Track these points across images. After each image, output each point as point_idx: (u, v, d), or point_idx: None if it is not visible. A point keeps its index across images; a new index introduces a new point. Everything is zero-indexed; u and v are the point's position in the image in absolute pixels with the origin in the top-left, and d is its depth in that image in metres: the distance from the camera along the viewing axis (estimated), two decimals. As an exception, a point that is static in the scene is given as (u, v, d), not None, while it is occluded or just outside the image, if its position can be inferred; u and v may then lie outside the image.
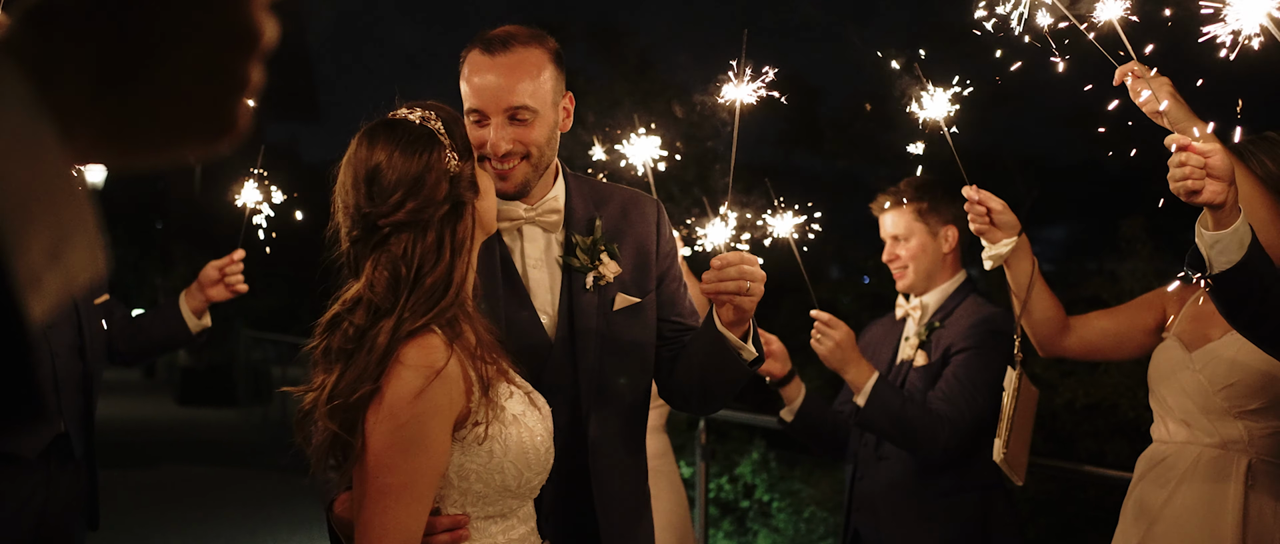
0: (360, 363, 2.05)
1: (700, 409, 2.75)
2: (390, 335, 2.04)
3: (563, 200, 2.63)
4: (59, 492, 3.77)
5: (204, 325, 4.20)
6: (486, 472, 2.11)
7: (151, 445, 13.96)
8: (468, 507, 2.13)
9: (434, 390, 2.02)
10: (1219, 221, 2.40)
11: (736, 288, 2.35)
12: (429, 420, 2.01)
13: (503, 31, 2.53)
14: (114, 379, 22.32)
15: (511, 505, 2.19)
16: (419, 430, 2.01)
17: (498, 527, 2.17)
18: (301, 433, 2.22)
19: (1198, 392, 3.01)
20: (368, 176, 2.12)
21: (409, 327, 2.05)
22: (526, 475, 2.16)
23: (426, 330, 2.07)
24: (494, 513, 2.16)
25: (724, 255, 2.37)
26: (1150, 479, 3.08)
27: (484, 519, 2.15)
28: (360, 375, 2.04)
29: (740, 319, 2.43)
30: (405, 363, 2.03)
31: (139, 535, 8.54)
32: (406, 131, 2.14)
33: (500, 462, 2.11)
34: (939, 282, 3.87)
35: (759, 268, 2.36)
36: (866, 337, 4.09)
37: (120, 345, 4.16)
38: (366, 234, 2.13)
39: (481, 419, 2.09)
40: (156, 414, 17.81)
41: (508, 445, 2.12)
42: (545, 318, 2.57)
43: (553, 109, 2.55)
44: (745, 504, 7.93)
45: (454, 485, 2.10)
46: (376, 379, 2.03)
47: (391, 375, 2.02)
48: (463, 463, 2.09)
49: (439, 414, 2.03)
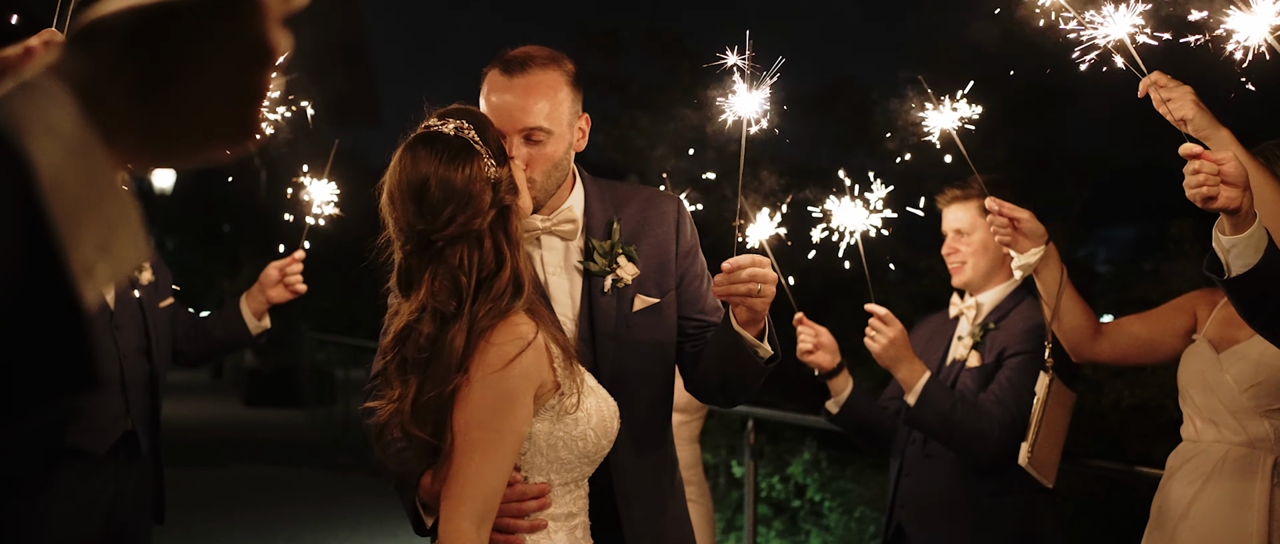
0: (439, 369, 2.17)
1: (723, 403, 2.82)
2: (466, 336, 2.16)
3: (580, 209, 2.72)
4: (127, 486, 3.95)
5: (264, 327, 4.33)
6: (571, 439, 2.24)
7: (219, 445, 14.29)
8: (552, 474, 2.27)
9: (525, 358, 2.15)
10: (1236, 226, 2.45)
11: (748, 290, 2.40)
12: (517, 383, 2.15)
13: (521, 53, 2.61)
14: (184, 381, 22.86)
15: (585, 471, 2.33)
16: (508, 392, 2.14)
17: (572, 495, 2.32)
18: (379, 445, 2.33)
19: (1224, 391, 3.05)
20: (415, 193, 2.21)
21: (483, 326, 2.17)
22: (603, 443, 2.30)
23: (511, 312, 2.20)
24: (571, 480, 2.30)
25: (735, 259, 2.41)
26: (1179, 477, 3.12)
27: (562, 486, 2.29)
28: (444, 376, 2.16)
29: (755, 319, 2.49)
30: (494, 342, 2.16)
31: (205, 531, 8.79)
32: (446, 145, 2.24)
33: (584, 429, 2.25)
34: (996, 282, 3.88)
35: (770, 270, 2.41)
36: (918, 332, 4.11)
37: (184, 347, 4.34)
38: (421, 248, 2.24)
39: (569, 390, 2.23)
40: (224, 415, 18.21)
41: (590, 414, 2.26)
42: (566, 322, 2.65)
43: (568, 129, 2.63)
44: (796, 504, 7.98)
45: (543, 453, 2.24)
46: (462, 372, 2.15)
47: (480, 352, 2.15)
48: (552, 431, 2.23)
49: (527, 379, 2.16)
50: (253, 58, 0.82)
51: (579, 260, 2.70)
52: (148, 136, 0.79)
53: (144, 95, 0.78)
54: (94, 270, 0.74)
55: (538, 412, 2.22)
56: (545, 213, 2.68)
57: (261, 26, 0.82)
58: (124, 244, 0.77)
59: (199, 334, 4.35)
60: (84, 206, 0.73)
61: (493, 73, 2.62)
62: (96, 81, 0.76)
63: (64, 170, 0.72)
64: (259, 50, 0.82)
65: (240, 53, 0.82)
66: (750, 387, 2.65)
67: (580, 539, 2.35)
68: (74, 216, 0.72)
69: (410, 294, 2.27)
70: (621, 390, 2.56)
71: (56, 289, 0.71)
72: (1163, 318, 3.34)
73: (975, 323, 3.87)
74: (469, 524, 2.10)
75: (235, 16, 0.81)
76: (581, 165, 2.82)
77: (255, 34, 0.82)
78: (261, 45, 0.82)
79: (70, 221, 0.71)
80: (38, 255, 0.69)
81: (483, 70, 2.65)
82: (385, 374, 2.31)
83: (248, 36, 0.81)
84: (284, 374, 19.45)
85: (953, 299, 4.02)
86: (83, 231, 0.73)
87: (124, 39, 0.78)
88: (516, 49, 2.63)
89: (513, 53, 2.62)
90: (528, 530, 2.24)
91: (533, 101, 2.55)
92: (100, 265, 0.75)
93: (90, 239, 0.73)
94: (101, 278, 0.75)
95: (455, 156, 2.22)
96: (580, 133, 2.71)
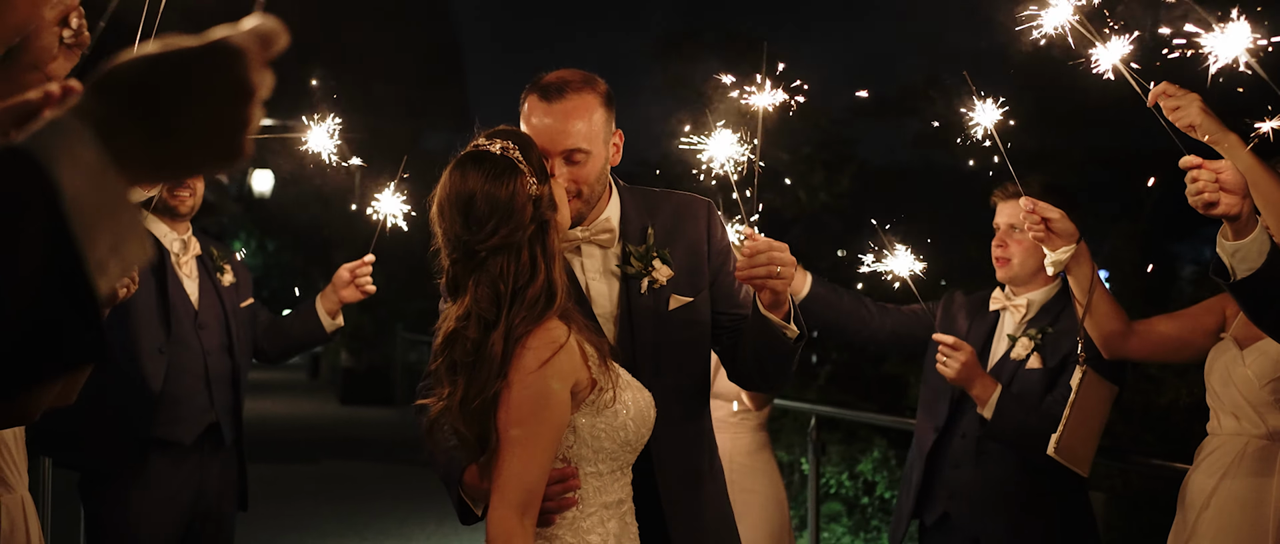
0: (483, 373, 2.37)
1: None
2: (504, 342, 2.37)
3: (617, 219, 2.89)
4: (212, 475, 4.24)
5: (337, 325, 4.57)
6: (612, 429, 2.44)
7: (314, 441, 14.77)
8: (599, 462, 2.46)
9: (559, 360, 2.35)
10: (1238, 231, 2.55)
11: (767, 272, 2.56)
12: (552, 384, 2.34)
13: (557, 78, 2.79)
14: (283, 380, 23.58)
15: (628, 459, 2.52)
16: (544, 392, 2.34)
17: (618, 482, 2.51)
18: (431, 440, 2.56)
19: (1246, 386, 3.14)
20: (463, 207, 2.42)
21: (519, 333, 2.37)
22: (642, 431, 2.50)
23: (545, 319, 2.40)
24: (616, 467, 2.49)
25: (752, 243, 2.57)
26: (1202, 468, 3.24)
27: (609, 473, 2.48)
28: (487, 380, 2.37)
29: (778, 301, 2.66)
30: (530, 347, 2.36)
31: (295, 521, 9.17)
32: (492, 164, 2.43)
33: (624, 420, 2.45)
34: (1042, 281, 3.95)
35: (787, 253, 2.57)
36: (950, 309, 4.21)
37: (265, 344, 4.62)
38: (466, 257, 2.44)
39: (606, 386, 2.43)
40: (320, 412, 18.79)
41: (628, 406, 2.45)
42: (607, 322, 2.84)
43: (604, 146, 2.81)
44: (866, 501, 8.08)
45: (588, 443, 2.43)
46: (503, 375, 2.36)
47: (518, 358, 2.35)
48: (593, 423, 2.43)
49: (561, 379, 2.36)
50: (237, 97, 1.00)
51: (617, 265, 2.88)
52: (152, 161, 0.99)
53: (148, 130, 0.97)
54: (107, 267, 0.93)
55: (578, 407, 2.41)
56: (586, 224, 2.87)
57: (244, 71, 1.00)
58: (132, 247, 0.97)
59: (278, 332, 4.63)
60: (99, 218, 0.92)
61: (532, 98, 2.80)
62: (110, 119, 0.96)
63: (83, 190, 0.91)
64: (242, 91, 1.01)
65: (226, 93, 1.00)
66: (784, 368, 2.82)
67: (629, 524, 2.54)
68: (91, 226, 0.91)
69: (457, 299, 2.48)
70: (660, 381, 2.75)
71: (75, 281, 0.90)
72: (1193, 317, 3.44)
73: (1023, 320, 3.94)
74: (514, 513, 2.30)
75: (222, 64, 1.00)
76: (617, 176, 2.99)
77: (239, 77, 1.00)
78: (244, 86, 1.01)
79: (87, 230, 0.91)
80: (61, 255, 0.89)
81: (522, 95, 2.85)
82: (436, 374, 2.52)
83: (232, 79, 1.00)
84: (378, 373, 19.97)
85: (994, 293, 4.08)
86: (98, 237, 0.92)
87: (132, 85, 0.97)
88: (552, 74, 2.81)
89: (549, 79, 2.80)
90: (556, 510, 2.43)
91: (571, 124, 2.73)
92: (112, 263, 0.94)
93: (104, 243, 0.93)
94: (113, 273, 0.94)
95: (500, 174, 2.42)
96: (615, 148, 2.89)
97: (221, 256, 4.48)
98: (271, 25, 1.04)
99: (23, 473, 3.42)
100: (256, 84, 1.02)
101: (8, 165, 0.88)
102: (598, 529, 2.45)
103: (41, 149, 0.90)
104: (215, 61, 0.99)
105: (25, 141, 0.91)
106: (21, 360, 0.89)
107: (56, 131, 0.92)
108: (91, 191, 0.92)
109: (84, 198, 0.91)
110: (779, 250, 2.56)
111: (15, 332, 0.88)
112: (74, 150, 0.92)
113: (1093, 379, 3.42)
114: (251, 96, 1.02)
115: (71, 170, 0.91)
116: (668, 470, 2.80)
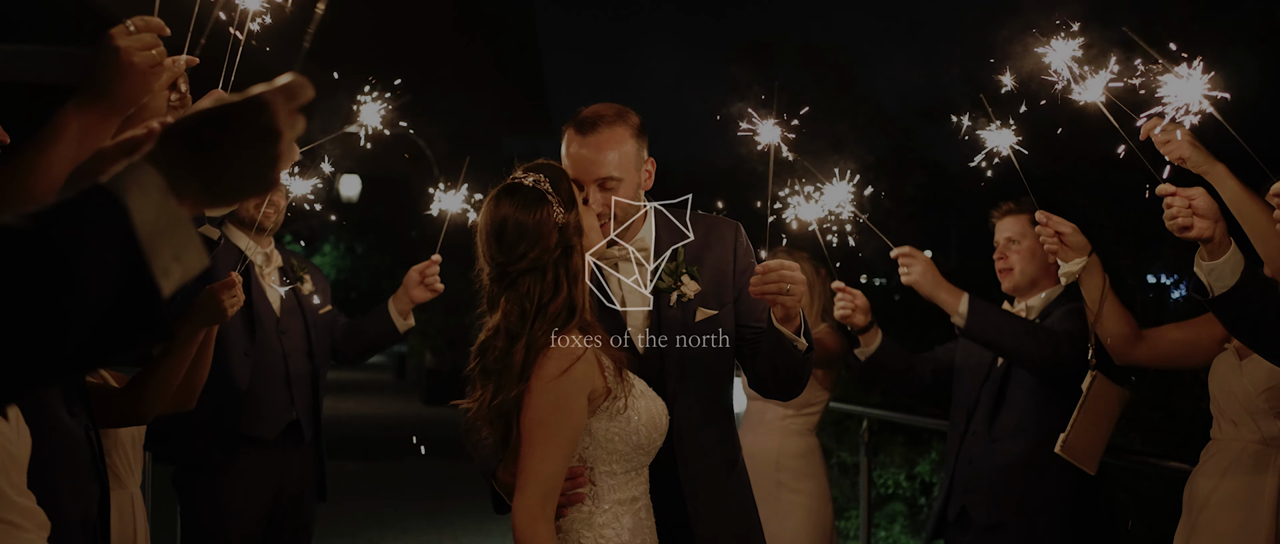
0: (508, 378, 2.68)
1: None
2: (525, 353, 2.67)
3: (651, 239, 3.18)
4: (293, 468, 4.57)
5: (409, 324, 4.85)
6: (625, 434, 2.71)
7: (397, 440, 15.18)
8: (613, 463, 2.73)
9: (576, 369, 2.64)
10: (1212, 253, 2.78)
11: (778, 289, 2.81)
12: (570, 389, 2.62)
13: (592, 113, 3.08)
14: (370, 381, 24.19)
15: (642, 461, 2.79)
16: (562, 397, 2.62)
17: (633, 481, 2.78)
18: (470, 437, 2.88)
19: (1243, 394, 3.34)
20: (497, 232, 2.72)
21: (540, 344, 2.67)
22: (654, 437, 2.77)
23: (565, 333, 2.69)
24: (630, 468, 2.76)
25: (766, 262, 2.84)
26: (1203, 471, 3.44)
27: (624, 473, 2.75)
28: (509, 385, 2.67)
29: (790, 316, 2.91)
30: (550, 356, 2.65)
31: (378, 517, 9.54)
32: (523, 195, 2.73)
33: (636, 426, 2.72)
34: (1043, 287, 4.19)
35: (798, 272, 2.82)
36: (962, 343, 4.39)
37: (342, 347, 4.93)
38: (500, 277, 2.75)
39: (620, 394, 2.70)
40: (405, 411, 19.35)
41: (640, 413, 2.73)
42: (639, 332, 3.13)
43: (636, 172, 3.10)
44: (923, 501, 8.27)
45: (602, 445, 2.71)
46: (523, 382, 2.65)
47: (540, 366, 2.64)
48: (608, 428, 2.70)
49: (578, 385, 2.64)
50: (268, 140, 1.27)
51: (650, 280, 3.16)
52: (202, 193, 1.26)
53: (199, 165, 1.26)
54: (170, 272, 1.22)
55: (594, 412, 2.69)
56: (624, 241, 3.15)
57: (272, 119, 1.27)
58: (190, 256, 1.24)
59: (353, 334, 4.94)
60: (162, 235, 1.20)
61: (570, 131, 3.11)
62: (170, 159, 1.24)
63: (149, 215, 1.19)
64: (272, 135, 1.27)
65: (257, 137, 1.27)
66: (797, 375, 3.07)
67: (644, 519, 2.81)
68: (156, 241, 1.19)
69: (492, 313, 2.79)
70: (686, 386, 3.04)
71: (143, 283, 1.18)
72: (1199, 327, 3.63)
73: None
74: (535, 503, 2.58)
75: (253, 115, 1.27)
76: None
77: (267, 124, 1.27)
78: (272, 131, 1.27)
79: (152, 244, 1.19)
80: (132, 263, 1.18)
81: (563, 128, 3.16)
82: (471, 379, 2.84)
83: (262, 126, 1.27)
84: (461, 374, 20.32)
85: (1003, 305, 4.29)
86: (161, 248, 1.20)
87: (187, 134, 1.26)
88: (588, 109, 3.11)
89: (585, 113, 3.10)
90: (566, 504, 2.72)
91: (604, 154, 3.03)
92: (175, 267, 1.22)
93: (166, 252, 1.21)
94: (175, 275, 1.22)
95: (530, 204, 2.72)
96: (647, 174, 3.18)
97: (301, 267, 4.79)
98: (298, 81, 1.29)
99: (137, 472, 3.80)
100: (282, 129, 1.28)
101: (93, 198, 1.17)
102: (613, 524, 2.72)
103: (117, 184, 1.19)
104: (248, 113, 1.27)
105: (107, 181, 1.19)
106: (104, 337, 1.16)
107: (130, 171, 1.21)
108: (156, 216, 1.20)
109: (150, 220, 1.19)
110: (790, 269, 2.81)
111: (98, 314, 1.15)
112: (142, 184, 1.20)
113: (1103, 382, 3.62)
114: (278, 139, 1.28)
115: (140, 199, 1.19)
116: (690, 468, 3.06)
